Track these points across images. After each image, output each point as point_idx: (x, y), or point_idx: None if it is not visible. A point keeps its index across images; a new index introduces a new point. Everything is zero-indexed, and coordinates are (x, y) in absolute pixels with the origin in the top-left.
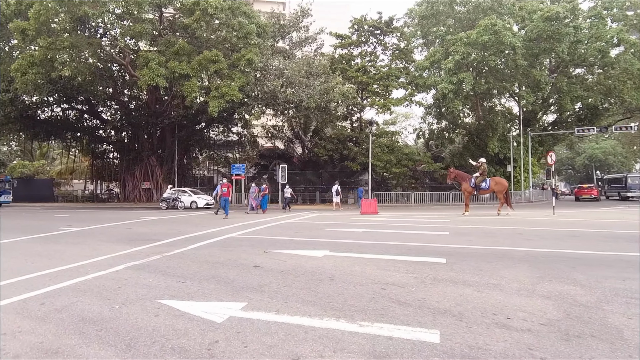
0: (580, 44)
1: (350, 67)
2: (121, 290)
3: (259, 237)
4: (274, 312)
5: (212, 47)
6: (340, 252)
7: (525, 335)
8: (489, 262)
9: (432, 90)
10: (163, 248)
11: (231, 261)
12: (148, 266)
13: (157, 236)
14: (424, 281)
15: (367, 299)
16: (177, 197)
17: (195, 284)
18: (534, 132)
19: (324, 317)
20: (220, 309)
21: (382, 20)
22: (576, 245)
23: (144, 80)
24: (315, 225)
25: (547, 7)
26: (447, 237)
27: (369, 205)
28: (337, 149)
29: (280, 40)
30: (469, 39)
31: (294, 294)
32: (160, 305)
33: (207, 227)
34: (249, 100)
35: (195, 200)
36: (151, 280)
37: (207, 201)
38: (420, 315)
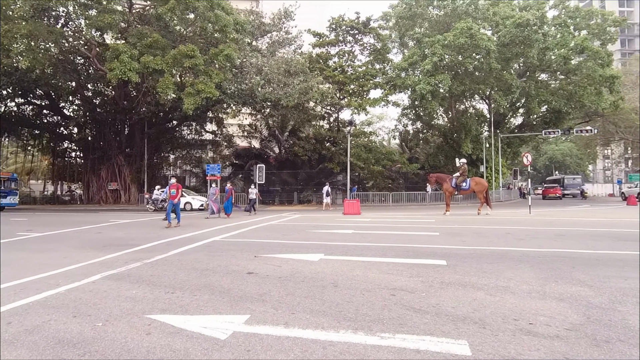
0: (549, 50)
1: (328, 66)
2: (102, 304)
3: (245, 240)
4: (282, 325)
5: (188, 41)
6: (336, 256)
7: (556, 343)
8: (490, 264)
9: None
10: (142, 254)
11: (222, 267)
12: (129, 275)
13: (134, 241)
14: (432, 285)
15: (380, 307)
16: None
17: (187, 295)
18: (503, 134)
19: (339, 330)
20: (221, 323)
21: (360, 21)
22: (567, 244)
23: (114, 74)
24: (302, 227)
25: (519, 14)
26: (438, 237)
27: (352, 206)
28: (316, 149)
29: (259, 38)
30: (446, 41)
31: (299, 304)
32: (150, 321)
33: (188, 231)
34: (226, 98)
35: (189, 202)
36: (135, 292)
37: (202, 202)
38: (441, 324)
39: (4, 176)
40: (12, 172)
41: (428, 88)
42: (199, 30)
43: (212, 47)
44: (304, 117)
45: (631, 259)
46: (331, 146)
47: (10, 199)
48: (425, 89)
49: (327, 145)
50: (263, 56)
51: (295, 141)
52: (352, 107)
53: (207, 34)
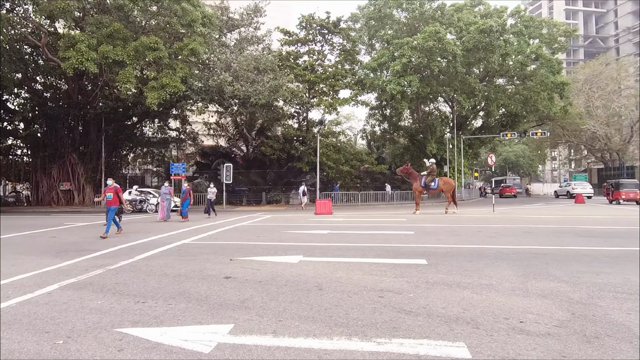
0: (509, 56)
1: (298, 65)
2: (62, 318)
3: (218, 242)
4: (270, 334)
5: (151, 34)
6: (316, 257)
7: (549, 341)
8: (470, 262)
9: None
10: (104, 260)
11: (196, 272)
12: (91, 284)
13: (93, 245)
14: (419, 285)
15: (370, 310)
16: (145, 199)
17: (160, 304)
18: (465, 135)
19: (332, 337)
20: (203, 334)
21: (330, 21)
22: (535, 241)
23: (69, 63)
24: (275, 227)
25: (482, 21)
26: (414, 236)
27: (323, 206)
28: (285, 149)
29: (227, 34)
30: (415, 44)
31: (285, 310)
32: (121, 335)
33: (153, 234)
34: (192, 94)
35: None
36: (100, 303)
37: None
38: (435, 326)
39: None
40: None
41: (398, 88)
42: (164, 24)
43: (177, 41)
44: (272, 115)
45: (598, 254)
46: (300, 146)
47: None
48: (396, 89)
49: (296, 144)
50: (231, 52)
51: (263, 140)
52: (323, 107)
53: (173, 27)
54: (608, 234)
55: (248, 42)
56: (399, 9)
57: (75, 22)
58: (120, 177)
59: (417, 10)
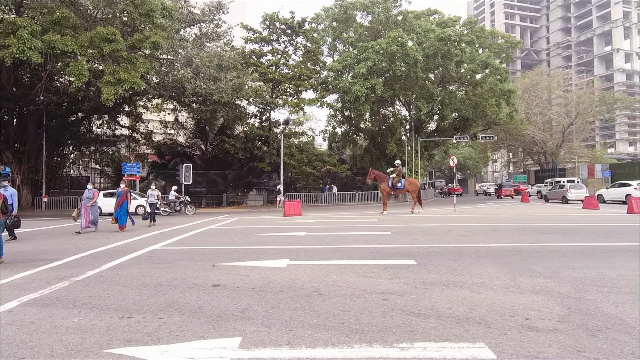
0: (463, 64)
1: (261, 63)
2: (35, 341)
3: (191, 248)
4: (285, 345)
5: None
6: (303, 260)
7: (560, 337)
8: (455, 261)
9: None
10: (66, 270)
11: (178, 281)
12: (58, 299)
13: (47, 254)
14: (417, 286)
15: (379, 314)
16: (185, 201)
17: (150, 319)
18: (421, 137)
19: (352, 345)
20: (211, 350)
21: (295, 21)
22: (504, 238)
23: (9, 52)
24: (247, 230)
25: (441, 30)
26: (392, 237)
27: (293, 207)
28: (247, 148)
29: (186, 28)
30: (380, 47)
31: (291, 318)
32: (114, 357)
33: (115, 240)
34: (150, 90)
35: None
36: (77, 320)
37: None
38: (449, 327)
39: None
40: None
41: (363, 90)
42: (119, 13)
43: (135, 32)
44: (234, 114)
45: (564, 250)
46: (262, 145)
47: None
48: (362, 91)
49: (259, 144)
50: (192, 47)
51: (224, 139)
52: (288, 107)
53: (129, 16)
54: (564, 230)
55: (208, 38)
56: (364, 12)
57: (16, 6)
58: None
59: (382, 15)
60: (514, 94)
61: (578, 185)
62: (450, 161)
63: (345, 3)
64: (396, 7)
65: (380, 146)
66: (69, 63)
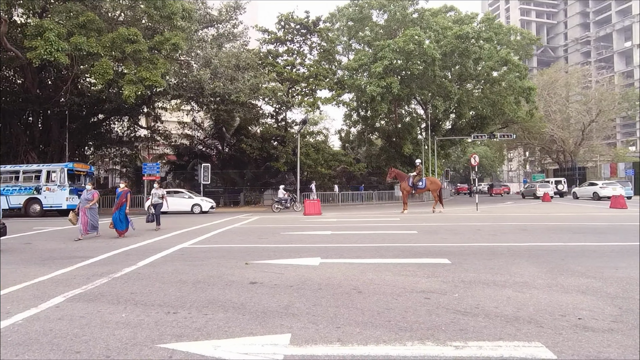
0: (482, 61)
1: (277, 63)
2: (89, 335)
3: (220, 246)
4: (337, 342)
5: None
6: (334, 259)
7: (617, 337)
8: (489, 260)
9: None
10: (102, 268)
11: (215, 278)
12: (102, 295)
13: (80, 252)
14: (457, 285)
15: (425, 312)
16: (294, 198)
17: (195, 315)
18: (437, 136)
19: (405, 342)
20: (262, 346)
21: (310, 20)
22: (536, 238)
23: (36, 53)
24: (271, 229)
25: (459, 27)
26: (419, 236)
27: (313, 206)
28: (264, 148)
29: (205, 29)
30: (396, 46)
31: (335, 315)
32: (169, 351)
33: (136, 240)
34: (170, 90)
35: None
36: (125, 316)
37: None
38: (500, 326)
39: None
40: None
41: (378, 90)
42: (140, 15)
43: (156, 34)
44: (252, 114)
45: (603, 250)
46: (278, 145)
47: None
48: (376, 91)
49: (274, 144)
50: (211, 48)
51: (242, 139)
52: (305, 106)
53: (152, 19)
54: (595, 229)
55: (225, 39)
56: (380, 11)
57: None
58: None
59: (399, 13)
60: (534, 91)
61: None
62: (472, 160)
63: (361, 2)
64: (413, 4)
65: (396, 145)
66: (93, 64)
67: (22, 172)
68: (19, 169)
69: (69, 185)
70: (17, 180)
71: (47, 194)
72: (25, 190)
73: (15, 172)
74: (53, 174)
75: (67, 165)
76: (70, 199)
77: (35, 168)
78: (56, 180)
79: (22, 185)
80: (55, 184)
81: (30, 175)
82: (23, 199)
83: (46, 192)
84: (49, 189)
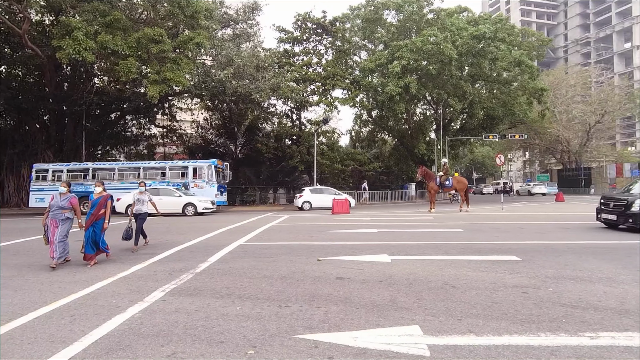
0: (498, 61)
1: (295, 63)
2: (217, 327)
3: (275, 243)
4: (470, 333)
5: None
6: (402, 256)
7: None
8: (557, 257)
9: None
10: (176, 264)
11: (298, 274)
12: (197, 289)
13: (141, 249)
14: (545, 281)
15: (533, 306)
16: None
17: (307, 308)
18: (448, 137)
19: (538, 333)
20: (399, 337)
21: (327, 20)
22: (584, 236)
23: (65, 53)
24: (314, 227)
25: (476, 28)
26: (468, 234)
27: (341, 205)
28: (279, 147)
29: (222, 29)
30: (414, 46)
31: (448, 309)
32: (309, 342)
33: (188, 236)
34: (193, 89)
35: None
36: (239, 309)
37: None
38: (616, 318)
39: (220, 166)
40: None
41: (397, 90)
42: (164, 13)
43: (178, 34)
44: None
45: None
46: (293, 145)
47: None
48: (395, 91)
49: (289, 143)
50: (233, 47)
51: (257, 138)
52: (323, 105)
53: (176, 18)
54: None
55: (242, 39)
56: (396, 11)
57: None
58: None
59: (415, 14)
60: (547, 92)
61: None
62: (498, 160)
63: (376, 3)
64: (428, 4)
65: (408, 145)
66: (117, 62)
67: (168, 168)
68: (165, 166)
69: (216, 181)
70: (163, 177)
71: (196, 191)
72: (173, 186)
73: (162, 169)
74: (200, 170)
75: (213, 162)
76: (218, 195)
77: (182, 165)
78: (204, 177)
79: (170, 181)
80: (203, 180)
81: (177, 171)
82: None
83: (194, 189)
84: (197, 186)
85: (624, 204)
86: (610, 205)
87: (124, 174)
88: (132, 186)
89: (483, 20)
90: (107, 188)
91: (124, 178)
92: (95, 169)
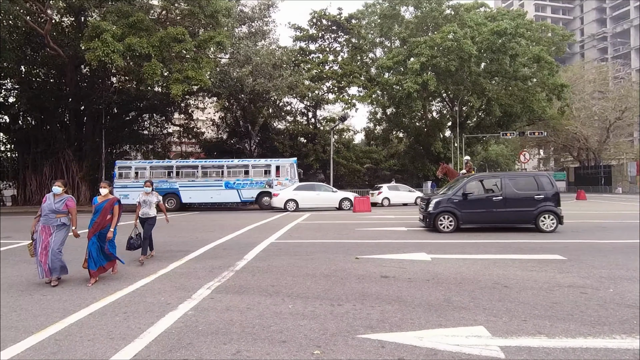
0: (518, 57)
1: (311, 60)
2: (275, 326)
3: (307, 241)
4: (541, 335)
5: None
6: (442, 254)
7: None
8: (604, 256)
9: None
10: (213, 261)
11: (341, 272)
12: (243, 287)
13: (173, 246)
14: (601, 281)
15: (597, 307)
16: None
17: (360, 307)
18: (465, 134)
19: (613, 335)
20: (467, 338)
21: (342, 17)
22: (622, 235)
23: (95, 55)
24: (341, 225)
25: (496, 23)
26: (498, 232)
27: (362, 203)
28: (295, 145)
29: (239, 27)
30: (433, 43)
31: (507, 309)
32: (375, 342)
33: (215, 233)
34: (212, 88)
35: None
36: (291, 307)
37: None
38: None
39: None
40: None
41: (415, 87)
42: (185, 13)
43: (202, 32)
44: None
45: None
46: (308, 143)
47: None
48: (413, 88)
49: (304, 141)
50: (251, 46)
51: (272, 136)
52: (341, 103)
53: (196, 17)
54: None
55: (257, 37)
56: (413, 8)
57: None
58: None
59: (435, 11)
60: (567, 88)
61: None
62: (522, 157)
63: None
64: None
65: (424, 143)
66: (141, 64)
67: (251, 166)
68: (248, 164)
69: (298, 179)
70: (247, 175)
71: (279, 188)
72: (257, 184)
73: (245, 167)
74: (283, 168)
75: (295, 160)
76: None
77: (264, 163)
78: (286, 175)
79: (254, 179)
80: (286, 178)
81: (260, 169)
82: (255, 193)
83: (278, 187)
84: (280, 183)
85: None
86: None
87: (208, 172)
88: (217, 184)
89: (501, 15)
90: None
91: (207, 176)
92: (179, 166)
